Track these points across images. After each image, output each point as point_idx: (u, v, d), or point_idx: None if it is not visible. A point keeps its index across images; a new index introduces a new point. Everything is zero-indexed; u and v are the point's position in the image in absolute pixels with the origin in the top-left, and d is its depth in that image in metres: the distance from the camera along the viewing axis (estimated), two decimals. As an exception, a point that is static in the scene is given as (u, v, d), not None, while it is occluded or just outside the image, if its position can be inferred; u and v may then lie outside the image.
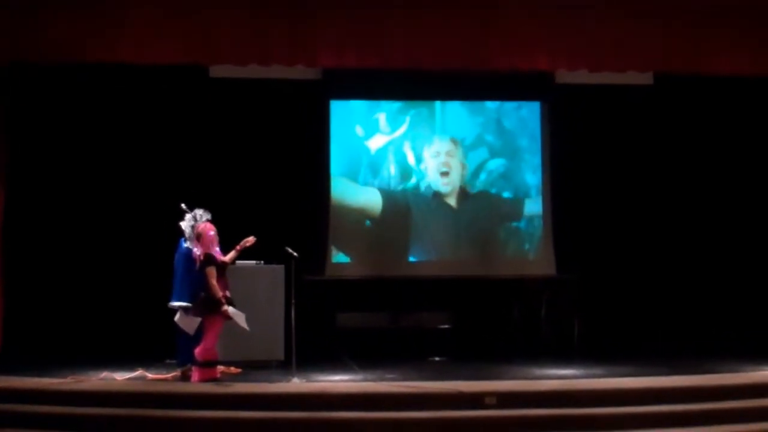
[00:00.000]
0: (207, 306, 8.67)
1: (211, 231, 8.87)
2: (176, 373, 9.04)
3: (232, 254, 9.02)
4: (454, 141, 12.02)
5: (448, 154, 11.98)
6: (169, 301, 9.07)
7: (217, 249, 8.89)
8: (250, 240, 9.04)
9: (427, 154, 11.95)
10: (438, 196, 11.89)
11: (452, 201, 11.92)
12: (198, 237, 8.88)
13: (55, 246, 11.12)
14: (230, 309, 8.67)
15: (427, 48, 10.22)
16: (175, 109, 11.39)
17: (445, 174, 11.92)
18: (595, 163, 11.90)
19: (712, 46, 10.42)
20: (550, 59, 10.54)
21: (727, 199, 11.91)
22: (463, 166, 11.98)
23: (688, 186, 11.94)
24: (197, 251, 8.89)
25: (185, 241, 9.17)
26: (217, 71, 11.16)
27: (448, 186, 11.93)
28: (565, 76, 11.62)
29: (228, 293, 8.83)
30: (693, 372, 8.95)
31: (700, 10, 10.32)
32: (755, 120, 11.93)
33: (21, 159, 11.00)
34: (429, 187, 11.90)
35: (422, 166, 11.92)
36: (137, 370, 9.08)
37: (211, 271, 8.69)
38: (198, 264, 8.82)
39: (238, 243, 9.02)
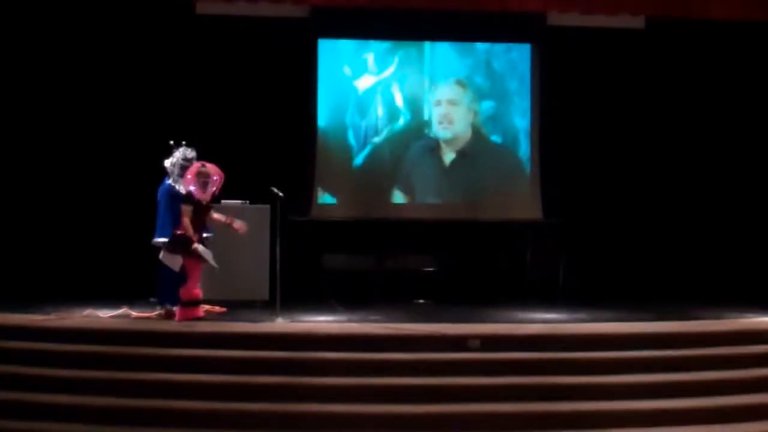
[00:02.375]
0: (180, 244, 8.63)
1: (194, 169, 8.80)
2: (159, 311, 9.04)
3: (218, 216, 8.94)
4: (460, 83, 11.87)
5: (450, 102, 11.82)
6: (153, 238, 9.06)
7: (194, 188, 8.75)
8: (242, 227, 8.94)
9: (430, 98, 11.81)
10: (434, 142, 11.79)
11: (447, 147, 11.81)
12: (185, 174, 8.82)
13: (38, 184, 11.02)
14: (199, 247, 8.62)
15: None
16: (160, 46, 11.24)
17: (446, 123, 11.79)
18: (584, 107, 11.81)
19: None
20: (541, 2, 10.45)
21: (716, 144, 11.86)
22: (470, 111, 11.84)
23: (677, 131, 11.88)
24: (183, 189, 8.84)
25: (169, 178, 9.13)
26: (204, 7, 11.01)
27: (448, 133, 11.81)
28: (557, 18, 11.51)
29: (204, 234, 8.80)
30: (677, 318, 9.00)
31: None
32: (747, 65, 11.85)
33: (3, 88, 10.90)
34: (434, 133, 11.80)
35: (424, 111, 11.78)
36: (121, 308, 9.07)
37: (186, 210, 8.64)
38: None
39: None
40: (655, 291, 11.15)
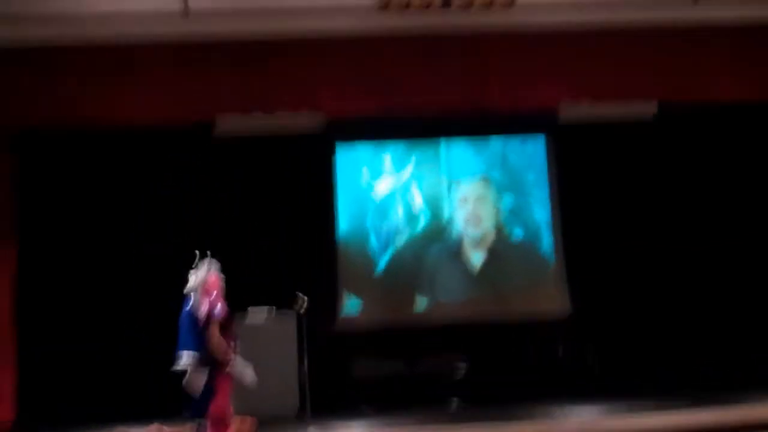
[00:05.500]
0: (213, 363, 8.54)
1: (215, 287, 8.72)
2: (191, 426, 8.87)
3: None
4: (485, 180, 11.91)
5: (478, 200, 11.86)
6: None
7: (220, 305, 8.71)
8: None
9: (455, 197, 11.85)
10: (457, 243, 11.77)
11: (472, 247, 11.79)
12: (205, 291, 8.74)
13: (66, 304, 10.96)
14: (236, 367, 8.50)
15: (428, 94, 10.28)
16: (183, 168, 11.36)
17: (475, 222, 11.81)
18: (603, 196, 11.79)
19: (713, 76, 10.47)
20: (552, 93, 10.56)
21: (737, 225, 11.78)
22: (497, 211, 11.88)
23: (698, 215, 11.82)
24: (204, 306, 8.73)
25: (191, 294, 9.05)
26: (223, 126, 11.08)
27: (477, 232, 11.83)
28: (569, 113, 11.51)
29: (234, 346, 8.67)
30: (714, 407, 8.75)
31: (700, 37, 10.37)
32: (758, 146, 11.84)
33: (32, 223, 10.91)
34: (461, 233, 11.80)
35: (446, 210, 11.79)
36: (152, 425, 8.90)
37: (214, 329, 8.54)
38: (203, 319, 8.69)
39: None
40: (692, 379, 10.90)
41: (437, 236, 11.76)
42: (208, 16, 9.99)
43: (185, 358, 8.77)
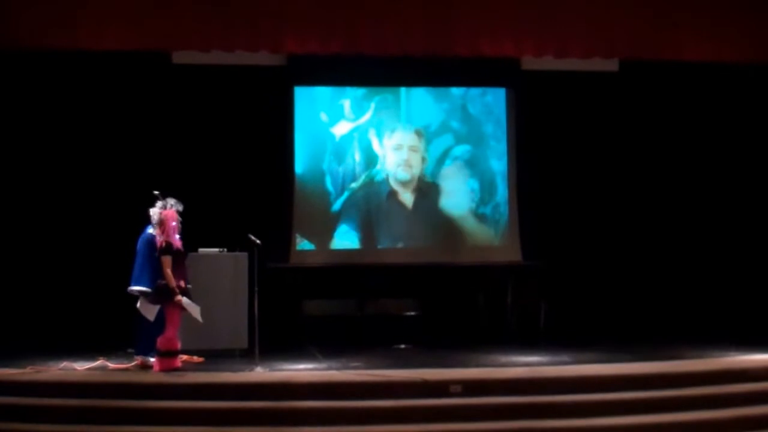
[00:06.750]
0: (163, 294, 8.60)
1: (173, 220, 8.81)
2: (136, 362, 8.92)
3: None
4: (418, 132, 11.93)
5: (412, 149, 11.87)
6: (129, 286, 8.98)
7: (177, 237, 8.83)
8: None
9: (388, 144, 11.83)
10: (402, 184, 11.81)
11: (416, 190, 11.83)
12: (160, 224, 8.82)
13: (12, 234, 10.88)
14: (184, 300, 8.58)
15: (391, 33, 10.26)
16: (138, 96, 11.19)
17: (407, 167, 11.81)
18: (560, 149, 11.88)
19: (676, 35, 10.52)
20: (515, 45, 10.61)
21: (693, 184, 11.94)
22: (424, 160, 11.89)
23: (653, 172, 11.96)
24: (159, 238, 8.81)
25: (151, 227, 9.07)
26: (180, 57, 11.03)
27: (408, 176, 11.83)
28: (531, 63, 11.61)
29: (183, 283, 8.73)
30: (658, 358, 8.96)
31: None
32: (719, 106, 11.97)
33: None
34: (392, 176, 11.81)
35: (381, 155, 11.81)
36: (98, 360, 8.94)
37: (167, 260, 8.62)
38: (158, 251, 8.75)
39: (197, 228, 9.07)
40: (637, 331, 11.12)
41: (387, 180, 11.83)
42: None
43: (137, 287, 8.88)
